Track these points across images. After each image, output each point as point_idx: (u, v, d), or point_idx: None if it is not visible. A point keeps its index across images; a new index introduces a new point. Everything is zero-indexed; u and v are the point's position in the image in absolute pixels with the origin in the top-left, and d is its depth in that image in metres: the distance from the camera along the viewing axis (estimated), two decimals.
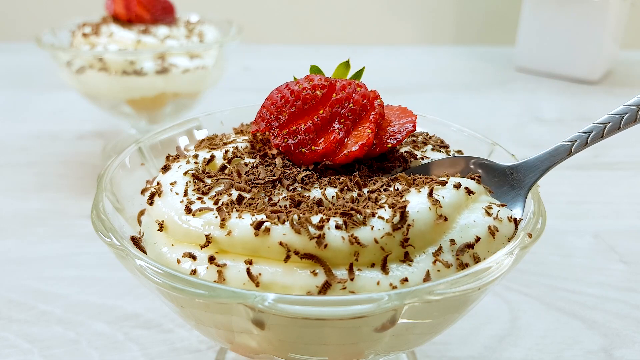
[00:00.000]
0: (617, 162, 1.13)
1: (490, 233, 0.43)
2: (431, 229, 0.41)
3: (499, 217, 0.44)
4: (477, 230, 0.43)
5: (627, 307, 0.71)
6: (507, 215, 0.46)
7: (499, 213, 0.45)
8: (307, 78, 0.50)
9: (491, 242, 0.43)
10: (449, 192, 0.44)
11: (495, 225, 0.44)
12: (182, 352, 0.64)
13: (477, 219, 0.44)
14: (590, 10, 1.55)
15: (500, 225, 0.44)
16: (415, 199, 0.42)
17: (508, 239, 0.44)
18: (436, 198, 0.43)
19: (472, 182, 0.47)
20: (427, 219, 0.41)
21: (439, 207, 0.42)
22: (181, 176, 0.47)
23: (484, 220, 0.44)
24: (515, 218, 0.46)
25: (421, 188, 0.44)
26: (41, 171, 1.08)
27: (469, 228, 0.43)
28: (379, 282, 0.39)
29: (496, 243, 0.44)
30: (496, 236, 0.43)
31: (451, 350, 0.64)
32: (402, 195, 0.43)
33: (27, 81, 1.61)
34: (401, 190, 0.44)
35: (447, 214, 0.42)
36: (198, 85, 1.07)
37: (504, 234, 0.44)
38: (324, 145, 0.47)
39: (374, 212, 0.40)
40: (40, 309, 0.70)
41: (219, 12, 1.37)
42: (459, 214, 0.44)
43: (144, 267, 0.39)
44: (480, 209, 0.45)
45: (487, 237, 0.43)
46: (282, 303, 0.34)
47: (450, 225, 0.43)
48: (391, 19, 2.14)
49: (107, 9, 1.10)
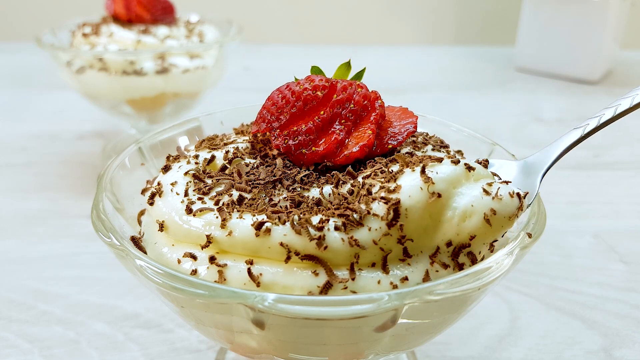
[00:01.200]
0: (617, 162, 1.13)
1: (490, 214, 0.41)
2: (426, 210, 0.40)
3: (498, 195, 0.42)
4: (474, 209, 0.41)
5: (627, 307, 0.71)
6: (508, 191, 0.43)
7: (500, 190, 0.43)
8: (307, 78, 0.50)
9: (491, 225, 0.42)
10: (444, 167, 0.43)
11: (493, 206, 0.42)
12: (182, 352, 0.64)
13: (475, 197, 0.42)
14: (590, 10, 1.55)
15: (500, 204, 0.42)
16: (408, 180, 0.41)
17: (509, 217, 0.42)
18: (429, 175, 0.41)
19: (477, 165, 0.46)
20: (419, 200, 0.40)
21: (431, 184, 0.41)
22: (182, 176, 0.47)
23: (482, 200, 0.42)
24: (518, 192, 0.44)
25: (416, 166, 0.43)
26: (41, 171, 1.08)
27: (466, 210, 0.41)
28: (379, 282, 0.39)
29: (497, 222, 0.42)
30: (497, 215, 0.42)
31: (451, 350, 0.64)
32: (396, 178, 0.42)
33: (27, 81, 1.61)
34: (395, 172, 0.43)
35: (441, 189, 0.41)
36: (198, 85, 1.07)
37: (506, 213, 0.42)
38: (324, 146, 0.47)
39: (369, 209, 0.40)
40: (40, 309, 0.70)
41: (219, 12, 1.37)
42: (455, 189, 0.42)
43: (144, 267, 0.39)
44: (479, 187, 0.43)
45: (484, 223, 0.41)
46: (282, 303, 0.35)
47: (447, 203, 0.41)
48: (391, 19, 2.14)
49: (107, 9, 1.10)
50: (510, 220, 0.43)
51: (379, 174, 0.44)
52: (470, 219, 0.41)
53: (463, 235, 0.42)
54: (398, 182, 0.42)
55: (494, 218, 0.42)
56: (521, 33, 1.72)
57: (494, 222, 0.42)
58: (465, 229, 0.42)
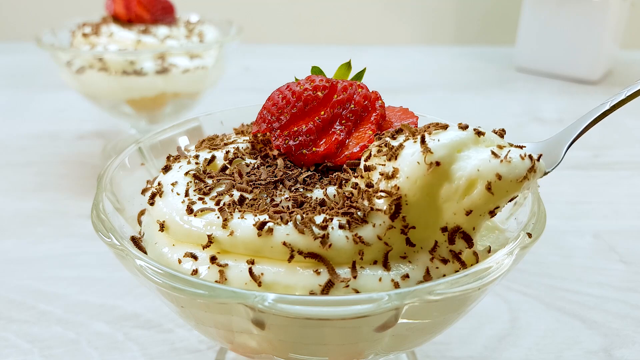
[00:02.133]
0: (617, 162, 1.13)
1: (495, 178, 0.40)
2: (427, 186, 0.40)
3: (507, 158, 0.40)
4: (480, 174, 0.40)
5: (627, 307, 0.71)
6: (519, 154, 0.40)
7: (510, 152, 0.40)
8: (308, 79, 0.50)
9: (493, 193, 0.40)
10: (448, 133, 0.41)
11: (500, 170, 0.40)
12: (182, 352, 0.64)
13: (482, 161, 0.40)
14: (590, 10, 1.56)
15: (508, 167, 0.39)
16: (407, 155, 0.40)
17: (517, 180, 0.40)
18: (429, 144, 0.40)
19: (491, 133, 0.44)
20: (418, 178, 0.39)
21: (429, 154, 0.40)
22: (182, 176, 0.47)
23: (490, 164, 0.40)
24: (530, 155, 0.41)
25: (419, 136, 0.41)
26: (41, 171, 1.08)
27: (471, 176, 0.40)
28: (380, 279, 0.39)
29: (502, 187, 0.40)
30: (502, 180, 0.39)
31: (451, 350, 0.64)
32: (396, 155, 0.41)
33: (27, 81, 1.61)
34: (396, 148, 0.42)
35: (441, 156, 0.40)
36: (198, 85, 1.07)
37: (513, 176, 0.40)
38: (325, 146, 0.47)
39: (372, 205, 0.40)
40: (40, 309, 0.70)
41: (219, 12, 1.37)
42: (461, 152, 0.41)
43: (144, 267, 0.39)
44: (488, 150, 0.41)
45: (485, 192, 0.40)
46: (282, 303, 0.35)
47: (448, 169, 0.40)
48: (391, 19, 2.14)
49: (107, 9, 1.10)
50: (519, 183, 0.40)
51: (383, 149, 0.43)
52: (476, 188, 0.40)
53: (467, 205, 0.40)
54: (398, 160, 0.41)
55: (497, 184, 0.39)
56: (521, 33, 1.72)
57: (496, 189, 0.39)
58: (470, 201, 0.40)
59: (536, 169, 0.41)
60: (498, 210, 0.42)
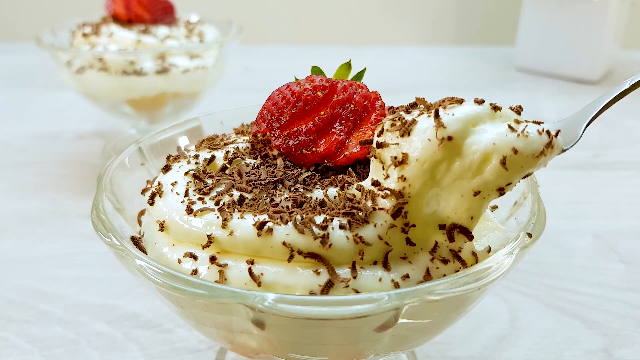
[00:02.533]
0: (617, 162, 1.13)
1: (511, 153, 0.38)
2: (435, 161, 0.39)
3: (524, 132, 0.39)
4: (496, 147, 0.38)
5: (627, 307, 0.71)
6: (537, 129, 0.39)
7: (527, 127, 0.39)
8: (308, 79, 0.50)
9: (507, 169, 0.39)
10: (463, 107, 0.40)
11: (516, 145, 0.38)
12: (182, 352, 0.64)
13: (499, 135, 0.39)
14: (590, 10, 1.55)
15: (525, 142, 0.38)
16: (420, 129, 0.40)
17: (534, 155, 0.39)
18: (442, 119, 0.39)
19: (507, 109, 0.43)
20: (428, 154, 0.39)
21: (441, 129, 0.38)
22: (182, 176, 0.47)
23: (506, 138, 0.38)
24: (548, 130, 0.40)
25: (433, 110, 0.40)
26: (41, 171, 1.08)
27: (487, 149, 0.38)
28: (381, 279, 0.39)
29: (517, 162, 0.39)
30: (517, 154, 0.38)
31: (451, 350, 0.64)
32: (409, 131, 0.40)
33: (27, 81, 1.61)
34: (409, 123, 0.41)
35: (454, 130, 0.38)
36: (198, 85, 1.07)
37: (529, 151, 0.38)
38: (325, 146, 0.47)
39: (375, 205, 0.41)
40: (40, 309, 0.70)
41: (219, 12, 1.37)
42: (476, 126, 0.40)
43: (144, 267, 0.39)
44: (505, 125, 0.40)
45: (499, 167, 0.38)
46: (282, 303, 0.35)
47: (462, 144, 0.39)
48: (391, 19, 2.14)
49: (107, 9, 1.10)
50: (536, 158, 0.39)
51: (397, 123, 0.42)
52: (490, 164, 0.38)
53: (477, 185, 0.39)
54: (411, 136, 0.40)
55: (513, 159, 0.38)
56: (521, 33, 1.72)
57: (511, 164, 0.38)
58: (481, 180, 0.39)
59: (554, 145, 0.40)
60: (508, 188, 0.40)
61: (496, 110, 0.41)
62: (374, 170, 0.43)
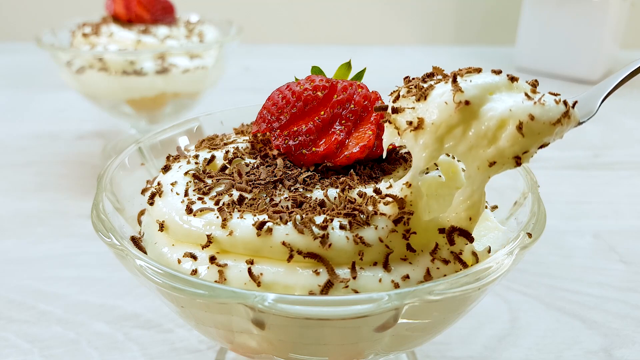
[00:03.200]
0: (617, 162, 1.13)
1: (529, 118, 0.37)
2: (450, 125, 0.39)
3: (541, 101, 0.38)
4: (512, 114, 0.38)
5: (627, 307, 0.71)
6: (554, 98, 0.39)
7: (544, 96, 0.39)
8: (308, 79, 0.50)
9: (523, 135, 0.38)
10: (482, 75, 0.41)
11: (533, 112, 0.38)
12: (182, 352, 0.64)
13: (515, 102, 0.38)
14: (590, 10, 1.55)
15: (542, 109, 0.38)
16: (437, 93, 0.39)
17: (551, 123, 0.38)
18: (460, 84, 0.39)
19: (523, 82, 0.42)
20: (444, 117, 0.38)
21: (459, 93, 0.38)
22: (182, 176, 0.47)
23: (523, 105, 0.38)
24: (565, 100, 0.40)
25: (450, 77, 0.40)
26: (41, 171, 1.08)
27: (503, 116, 0.38)
28: (380, 280, 0.39)
29: (534, 129, 0.38)
30: (534, 121, 0.38)
31: (451, 350, 0.64)
32: (426, 95, 0.40)
33: (27, 81, 1.61)
34: (426, 88, 0.41)
35: (471, 96, 0.38)
36: (198, 85, 1.07)
37: (546, 118, 0.38)
38: (324, 146, 0.47)
39: (376, 209, 0.41)
40: (40, 309, 0.70)
41: (219, 12, 1.37)
42: (492, 94, 0.40)
43: (144, 267, 0.39)
44: (522, 94, 0.40)
45: (516, 133, 0.38)
46: (282, 303, 0.35)
47: (478, 110, 0.39)
48: (391, 19, 2.14)
49: (107, 9, 1.10)
50: (552, 126, 0.38)
51: (413, 90, 0.42)
52: (505, 131, 0.38)
53: (492, 155, 0.38)
54: (427, 100, 0.40)
55: (530, 125, 0.38)
56: (521, 33, 1.72)
57: (527, 131, 0.38)
58: (496, 149, 0.38)
59: (570, 115, 0.39)
60: (525, 157, 0.39)
61: (513, 81, 0.41)
62: (388, 136, 0.43)
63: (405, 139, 0.41)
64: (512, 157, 0.39)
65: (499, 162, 0.39)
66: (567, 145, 1.20)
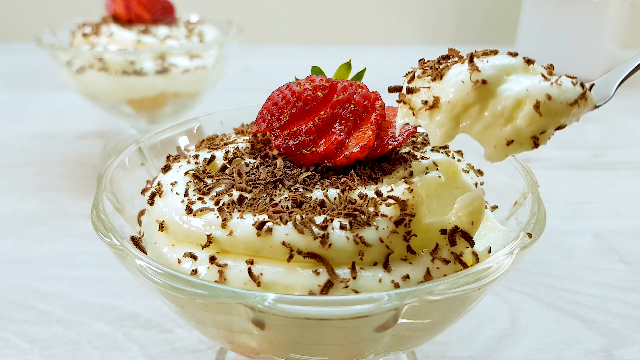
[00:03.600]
0: (617, 162, 1.13)
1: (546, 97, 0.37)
2: (467, 104, 0.39)
3: (558, 82, 0.38)
4: (529, 93, 0.38)
5: (627, 307, 0.71)
6: (571, 80, 0.39)
7: (561, 78, 0.39)
8: (308, 79, 0.50)
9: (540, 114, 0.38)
10: (499, 56, 0.40)
11: (550, 92, 0.38)
12: (182, 352, 0.64)
13: (532, 83, 0.38)
14: (590, 10, 1.55)
15: (559, 89, 0.38)
16: (453, 73, 0.39)
17: (568, 103, 0.38)
18: (477, 64, 0.39)
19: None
20: (460, 96, 0.38)
21: (475, 72, 0.38)
22: (182, 176, 0.47)
23: (540, 85, 0.38)
24: (582, 82, 0.40)
25: (468, 56, 0.41)
26: (41, 171, 1.08)
27: (519, 95, 0.38)
28: (380, 280, 0.39)
29: (551, 109, 0.38)
30: (552, 101, 0.38)
31: (451, 350, 0.64)
32: (442, 75, 0.40)
33: (27, 81, 1.61)
34: (442, 68, 0.41)
35: (487, 75, 0.38)
36: (198, 85, 1.07)
37: (564, 99, 0.38)
38: (324, 146, 0.47)
39: (377, 211, 0.41)
40: (40, 309, 0.70)
41: (219, 12, 1.37)
42: (509, 75, 0.40)
43: (144, 267, 0.39)
44: (538, 75, 0.40)
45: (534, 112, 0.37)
46: (282, 303, 0.35)
47: (495, 90, 0.39)
48: (391, 19, 2.14)
49: (107, 9, 1.10)
50: (570, 107, 0.38)
51: (428, 70, 0.42)
52: (522, 110, 0.38)
53: (510, 133, 0.38)
54: (443, 80, 0.40)
55: (547, 104, 0.37)
56: (521, 33, 1.72)
57: (545, 110, 0.38)
58: (514, 128, 0.38)
59: (587, 97, 0.40)
60: (543, 138, 0.39)
61: (529, 63, 0.41)
62: (402, 116, 0.43)
63: (420, 118, 0.41)
64: (530, 137, 0.38)
65: (517, 141, 0.38)
66: (567, 145, 1.20)
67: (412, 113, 0.42)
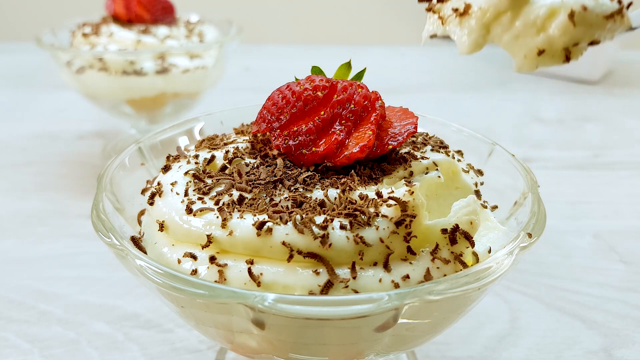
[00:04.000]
0: (617, 162, 1.13)
1: None
2: (501, 4, 0.38)
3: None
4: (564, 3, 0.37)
5: (627, 307, 0.71)
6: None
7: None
8: (308, 79, 0.50)
9: (574, 24, 0.37)
10: None
11: (586, 2, 0.37)
12: (182, 352, 0.64)
13: None
14: None
15: (595, 2, 0.37)
16: None
17: (604, 16, 0.37)
18: None
19: None
20: (493, 1, 0.38)
21: None
22: (182, 176, 0.47)
23: None
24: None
25: None
26: (41, 171, 1.08)
27: (554, 5, 0.37)
28: (381, 280, 0.39)
29: (586, 19, 0.37)
30: (587, 12, 0.37)
31: (451, 350, 0.64)
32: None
33: (27, 81, 1.61)
34: None
35: None
36: (198, 85, 1.07)
37: (600, 11, 0.37)
38: (324, 146, 0.47)
39: (377, 211, 0.41)
40: (40, 309, 0.70)
41: (219, 12, 1.37)
42: None
43: (144, 267, 0.39)
44: None
45: (568, 22, 0.37)
46: (282, 303, 0.35)
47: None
48: (391, 19, 2.14)
49: (107, 9, 1.10)
50: (605, 20, 0.37)
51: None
52: (556, 18, 0.37)
53: (542, 42, 0.37)
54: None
55: (582, 15, 0.36)
56: None
57: (579, 20, 0.36)
58: (546, 36, 0.37)
59: (624, 14, 0.38)
60: (575, 51, 0.38)
61: None
62: (430, 26, 0.42)
63: (450, 26, 0.40)
64: (562, 49, 0.37)
65: (548, 51, 0.38)
66: (567, 145, 1.20)
67: (441, 23, 0.41)
